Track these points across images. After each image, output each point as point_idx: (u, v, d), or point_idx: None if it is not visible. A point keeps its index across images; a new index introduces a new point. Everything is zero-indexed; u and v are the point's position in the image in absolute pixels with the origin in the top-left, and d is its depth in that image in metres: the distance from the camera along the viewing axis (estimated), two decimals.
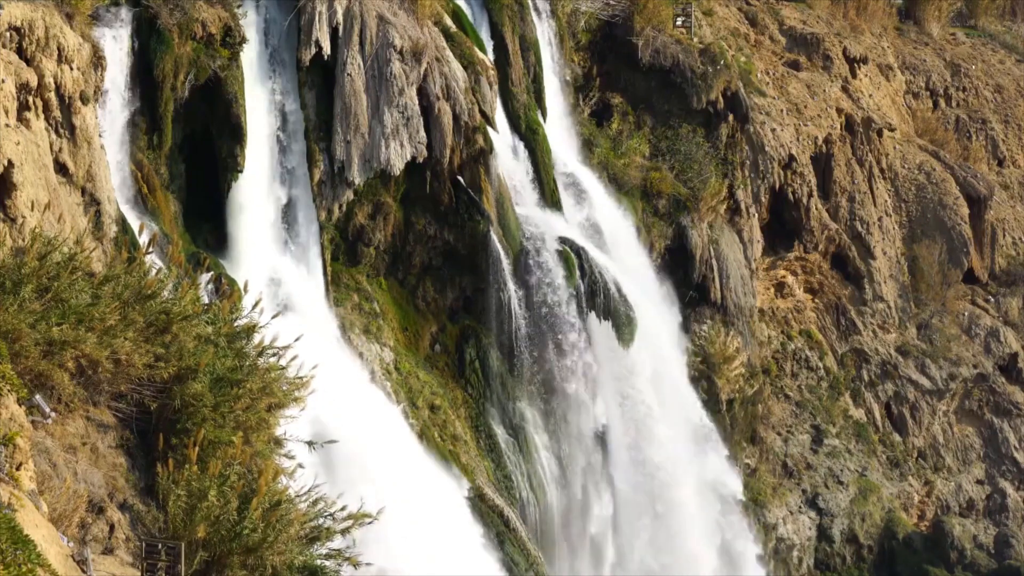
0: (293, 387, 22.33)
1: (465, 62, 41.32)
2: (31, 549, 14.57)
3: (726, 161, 50.87)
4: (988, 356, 58.35)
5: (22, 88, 28.95)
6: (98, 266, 24.61)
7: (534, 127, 44.91)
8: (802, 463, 52.57)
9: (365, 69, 39.12)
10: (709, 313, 49.31)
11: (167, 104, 35.52)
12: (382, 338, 39.99)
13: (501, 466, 41.02)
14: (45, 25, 29.82)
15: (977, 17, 71.97)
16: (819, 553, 51.97)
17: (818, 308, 56.03)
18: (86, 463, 19.60)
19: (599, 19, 50.31)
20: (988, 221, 60.48)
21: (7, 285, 20.00)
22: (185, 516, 18.64)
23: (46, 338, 19.41)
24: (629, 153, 49.48)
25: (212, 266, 33.91)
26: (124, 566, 18.36)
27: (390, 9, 39.86)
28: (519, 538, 39.33)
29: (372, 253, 40.74)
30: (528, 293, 41.99)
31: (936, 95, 65.46)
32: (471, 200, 41.03)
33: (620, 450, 43.82)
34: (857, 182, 56.77)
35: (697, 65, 50.02)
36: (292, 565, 19.21)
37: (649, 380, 44.53)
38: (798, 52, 58.44)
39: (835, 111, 56.43)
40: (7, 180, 27.48)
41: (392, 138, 39.03)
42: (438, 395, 40.56)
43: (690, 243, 48.45)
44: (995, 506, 56.29)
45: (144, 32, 35.26)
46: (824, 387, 54.60)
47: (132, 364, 20.38)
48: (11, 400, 17.34)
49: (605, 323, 43.18)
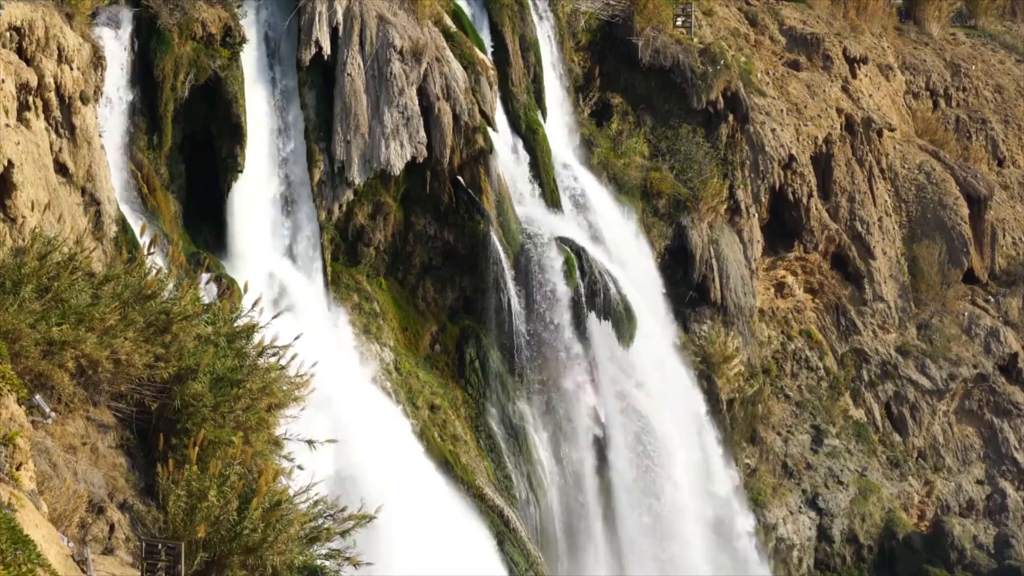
0: (293, 387, 22.33)
1: (465, 62, 41.31)
2: (31, 549, 14.56)
3: (726, 161, 50.87)
4: (988, 356, 58.34)
5: (22, 88, 28.95)
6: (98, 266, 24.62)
7: (534, 127, 44.92)
8: (802, 463, 52.57)
9: (365, 69, 39.12)
10: (709, 313, 49.31)
11: (167, 104, 35.53)
12: (382, 338, 40.00)
13: (501, 466, 41.02)
14: (45, 25, 29.82)
15: (977, 17, 71.96)
16: (819, 553, 51.96)
17: (818, 308, 56.02)
18: (86, 463, 19.60)
19: (599, 19, 50.31)
20: (988, 221, 60.47)
21: (7, 285, 20.00)
22: (185, 516, 18.63)
23: (46, 338, 19.40)
24: (629, 153, 49.48)
25: (212, 266, 33.90)
26: (124, 566, 18.36)
27: (390, 9, 39.85)
28: (519, 538, 39.33)
29: (372, 253, 40.73)
30: (528, 293, 42.00)
31: (936, 95, 65.45)
32: (471, 200, 41.03)
33: (620, 450, 43.82)
34: (857, 182, 56.76)
35: (697, 65, 50.02)
36: (292, 565, 19.20)
37: (649, 380, 44.52)
38: (798, 52, 58.44)
39: (835, 111, 56.43)
40: (7, 180, 27.48)
41: (392, 138, 39.03)
42: (438, 395, 40.56)
43: (690, 243, 48.45)
44: (995, 506, 56.29)
45: (144, 32, 35.27)
46: (824, 387, 54.60)
47: (132, 364, 20.38)
48: (11, 400, 17.34)
49: (605, 323, 43.18)
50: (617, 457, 43.76)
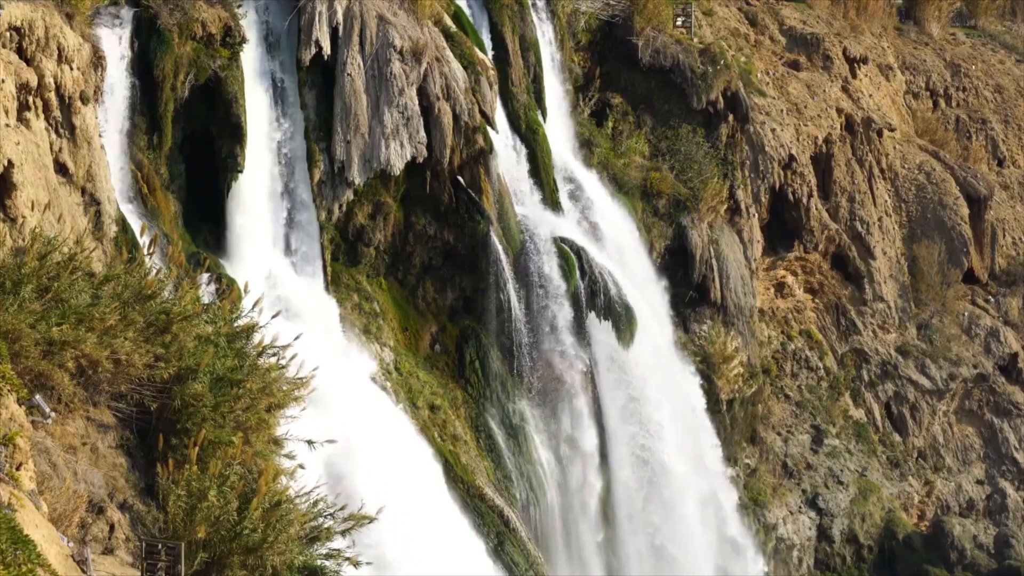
0: (293, 387, 22.33)
1: (465, 62, 41.31)
2: (31, 549, 14.56)
3: (726, 161, 50.86)
4: (988, 356, 58.35)
5: (22, 88, 28.95)
6: (98, 266, 24.63)
7: (534, 127, 44.91)
8: (802, 463, 52.57)
9: (365, 69, 39.12)
10: (709, 313, 49.32)
11: (167, 104, 35.52)
12: (382, 338, 40.00)
13: (501, 466, 41.01)
14: (45, 25, 29.81)
15: (977, 17, 71.98)
16: (819, 553, 51.97)
17: (818, 308, 56.03)
18: (86, 463, 19.60)
19: (599, 19, 50.31)
20: (988, 221, 60.47)
21: (7, 285, 20.00)
22: (185, 516, 18.63)
23: (46, 338, 19.40)
24: (629, 153, 49.48)
25: (212, 266, 33.89)
26: (124, 566, 18.36)
27: (390, 9, 39.85)
28: (519, 538, 39.32)
29: (372, 253, 40.73)
30: (528, 293, 42.00)
31: (936, 95, 65.45)
32: (471, 200, 41.02)
33: (620, 450, 43.82)
34: (857, 182, 56.77)
35: (697, 65, 50.02)
36: (292, 565, 19.20)
37: (649, 380, 44.52)
38: (798, 52, 58.44)
39: (835, 111, 56.43)
40: (7, 180, 27.48)
41: (392, 138, 39.02)
42: (438, 395, 40.56)
43: (690, 243, 48.45)
44: (995, 506, 56.29)
45: (144, 32, 35.27)
46: (824, 387, 54.60)
47: (132, 364, 20.38)
48: (11, 400, 17.34)
49: (605, 323, 43.19)
50: (617, 457, 43.76)
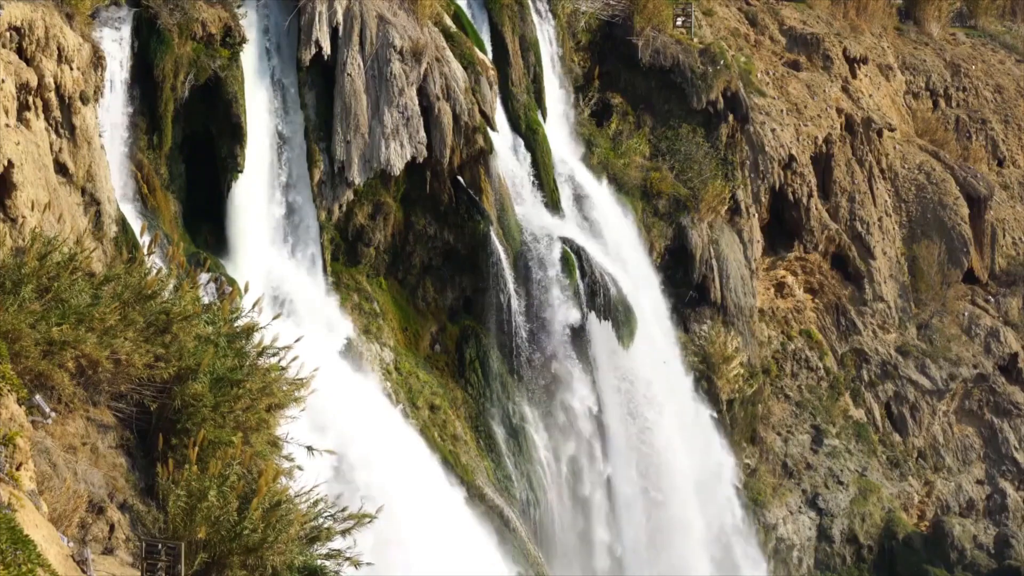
0: (293, 387, 22.33)
1: (465, 62, 41.31)
2: (31, 549, 14.56)
3: (726, 161, 50.85)
4: (988, 356, 58.33)
5: (22, 88, 28.94)
6: (98, 266, 24.64)
7: (534, 127, 44.92)
8: (802, 463, 52.57)
9: (365, 69, 39.12)
10: (709, 313, 49.31)
11: (167, 104, 35.52)
12: (382, 338, 40.00)
13: (501, 466, 41.02)
14: (45, 25, 29.81)
15: (977, 17, 71.95)
16: (819, 553, 51.96)
17: (818, 308, 56.02)
18: (86, 463, 19.60)
19: (599, 19, 50.30)
20: (988, 221, 60.46)
21: (7, 285, 20.00)
22: (185, 516, 18.63)
23: (46, 338, 19.40)
24: (629, 153, 49.46)
25: (212, 266, 33.88)
26: (124, 566, 18.36)
27: (390, 9, 39.85)
28: (519, 538, 39.33)
29: (372, 253, 40.73)
30: (528, 293, 42.00)
31: (936, 95, 65.44)
32: (471, 200, 41.03)
33: (620, 449, 43.83)
34: (857, 182, 56.76)
35: (697, 65, 50.02)
36: (292, 565, 19.20)
37: (649, 380, 44.53)
38: (798, 52, 58.43)
39: (835, 111, 56.42)
40: (7, 180, 27.47)
41: (392, 138, 39.03)
42: (438, 395, 40.56)
43: (690, 243, 48.44)
44: (995, 506, 56.28)
45: (144, 32, 35.26)
46: (824, 387, 54.59)
47: (132, 364, 20.38)
48: (11, 400, 17.34)
49: (605, 323, 43.18)
50: (617, 457, 43.76)
